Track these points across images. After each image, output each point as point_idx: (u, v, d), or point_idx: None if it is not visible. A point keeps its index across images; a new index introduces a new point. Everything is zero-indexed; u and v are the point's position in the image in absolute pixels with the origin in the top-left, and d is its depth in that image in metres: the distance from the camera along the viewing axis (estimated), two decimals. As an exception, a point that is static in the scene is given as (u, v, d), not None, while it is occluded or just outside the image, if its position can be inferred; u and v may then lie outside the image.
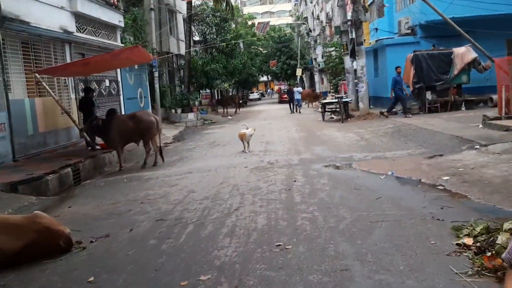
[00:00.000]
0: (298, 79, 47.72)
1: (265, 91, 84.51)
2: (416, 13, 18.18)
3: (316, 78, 43.76)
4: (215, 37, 28.84)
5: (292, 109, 26.94)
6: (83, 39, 13.10)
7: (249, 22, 46.68)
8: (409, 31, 19.32)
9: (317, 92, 35.58)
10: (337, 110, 18.29)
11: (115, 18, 15.40)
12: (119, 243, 4.58)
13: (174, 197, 6.51)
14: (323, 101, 21.06)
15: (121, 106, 16.04)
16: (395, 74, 16.10)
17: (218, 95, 41.15)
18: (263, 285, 3.30)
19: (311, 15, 50.97)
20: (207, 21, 29.43)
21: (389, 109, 16.67)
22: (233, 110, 31.47)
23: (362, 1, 18.60)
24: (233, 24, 32.79)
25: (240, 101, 38.31)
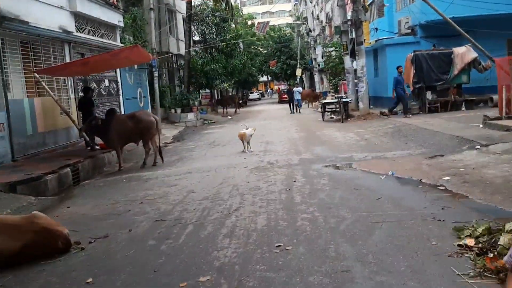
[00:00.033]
0: (298, 79, 47.71)
1: (265, 91, 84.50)
2: (416, 13, 18.15)
3: (316, 78, 43.72)
4: (215, 37, 28.79)
5: (292, 109, 26.91)
6: (82, 39, 13.08)
7: (249, 22, 46.64)
8: (409, 31, 19.27)
9: (317, 92, 35.54)
10: (337, 110, 18.27)
11: (115, 18, 15.37)
12: (118, 244, 4.56)
13: (174, 197, 6.48)
14: (323, 101, 21.03)
15: (121, 106, 16.01)
16: (397, 74, 16.07)
17: (218, 95, 41.12)
18: (263, 286, 3.28)
19: (311, 15, 50.96)
20: (206, 21, 29.39)
21: (391, 108, 16.67)
22: (233, 110, 31.45)
23: (362, 0, 18.58)
24: (232, 24, 32.74)
25: (240, 101, 38.28)
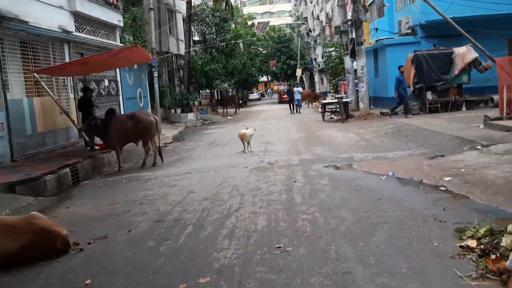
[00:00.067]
0: (298, 79, 47.67)
1: (265, 91, 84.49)
2: (416, 13, 18.11)
3: (316, 78, 43.69)
4: (215, 37, 28.77)
5: (292, 110, 26.88)
6: (82, 38, 13.04)
7: (249, 22, 46.62)
8: (409, 31, 19.23)
9: (317, 92, 35.51)
10: (337, 110, 18.23)
11: (114, 18, 15.34)
12: (117, 245, 4.53)
13: (173, 198, 6.45)
14: (323, 101, 20.99)
15: (121, 106, 15.98)
16: (398, 74, 15.98)
17: (218, 95, 41.09)
18: (263, 288, 3.25)
19: (311, 15, 50.94)
20: (206, 21, 29.37)
21: (393, 108, 16.58)
22: (233, 110, 31.43)
23: (362, 0, 18.55)
24: (232, 24, 32.71)
25: (240, 101, 38.25)
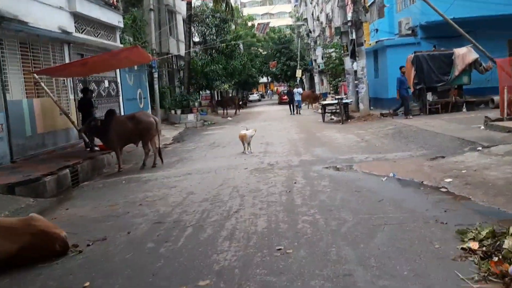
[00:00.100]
0: (298, 80, 47.67)
1: (265, 92, 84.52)
2: (416, 14, 18.11)
3: (316, 79, 43.71)
4: (215, 38, 28.76)
5: (292, 111, 26.86)
6: (82, 39, 13.02)
7: (249, 23, 46.64)
8: (409, 31, 19.23)
9: (317, 93, 35.50)
10: (337, 111, 18.20)
11: (114, 19, 15.33)
12: (116, 247, 4.50)
13: (173, 199, 6.42)
14: (323, 102, 20.97)
15: (121, 107, 15.96)
16: (400, 74, 15.90)
17: (218, 96, 41.07)
18: (263, 290, 3.22)
19: (311, 16, 50.97)
20: (207, 22, 29.37)
21: (396, 109, 16.49)
22: (233, 111, 31.42)
23: (362, 1, 18.54)
24: (233, 25, 32.70)
25: (240, 102, 38.24)
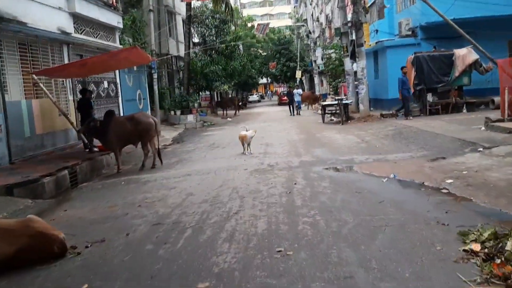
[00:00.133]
0: (298, 81, 47.63)
1: (264, 93, 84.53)
2: (416, 15, 18.09)
3: (316, 80, 43.65)
4: (215, 39, 28.76)
5: (292, 111, 26.83)
6: (81, 40, 12.99)
7: (249, 24, 46.64)
8: (409, 32, 19.21)
9: (317, 94, 35.47)
10: (337, 112, 18.17)
11: (114, 19, 15.30)
12: (114, 248, 4.46)
13: (172, 200, 6.38)
14: (323, 103, 20.93)
15: (120, 108, 15.92)
16: (401, 75, 15.79)
17: (218, 97, 41.04)
18: (263, 293, 3.18)
19: (310, 17, 50.98)
20: (206, 23, 29.36)
21: (399, 109, 16.39)
22: (233, 112, 31.39)
23: (362, 2, 18.52)
24: (232, 26, 32.68)
25: (240, 103, 38.21)
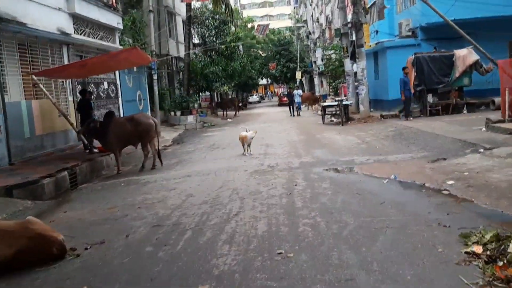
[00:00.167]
0: (298, 82, 47.61)
1: (264, 94, 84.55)
2: (417, 15, 18.08)
3: (316, 81, 43.59)
4: (215, 39, 28.75)
5: (292, 112, 26.81)
6: (81, 40, 12.98)
7: (249, 25, 46.64)
8: (410, 33, 19.19)
9: (317, 95, 35.45)
10: (337, 113, 18.14)
11: (114, 20, 15.28)
12: (114, 250, 4.43)
13: (172, 202, 6.35)
14: (323, 104, 20.90)
15: (120, 109, 15.91)
16: (403, 75, 15.65)
17: (218, 98, 41.03)
18: (264, 296, 3.16)
19: (310, 18, 50.99)
20: (206, 23, 29.36)
21: (402, 109, 16.19)
22: (233, 113, 31.37)
23: (362, 3, 18.51)
24: (232, 27, 32.68)
25: (240, 104, 38.20)
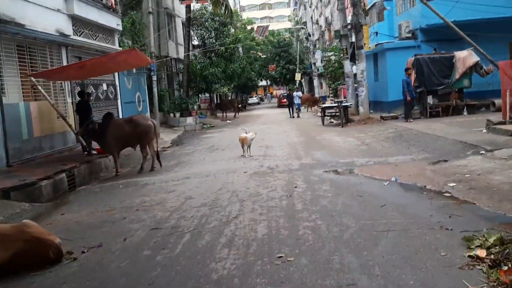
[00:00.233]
0: (297, 84, 47.59)
1: (264, 96, 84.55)
2: (416, 17, 18.04)
3: (315, 82, 43.62)
4: (214, 41, 28.72)
5: (291, 114, 26.77)
6: (80, 42, 12.92)
7: (248, 27, 46.63)
8: (409, 34, 19.14)
9: (316, 96, 35.42)
10: (337, 114, 18.10)
11: (113, 22, 15.23)
12: (111, 254, 4.37)
13: (171, 204, 6.29)
14: (323, 105, 20.86)
15: (119, 110, 15.85)
16: (405, 77, 15.46)
17: (217, 99, 41.00)
18: (263, 301, 3.09)
19: (310, 19, 50.97)
20: (206, 25, 29.33)
21: (409, 111, 16.14)
22: (232, 114, 31.32)
23: (362, 4, 18.47)
24: (232, 28, 32.65)
25: (239, 105, 38.15)
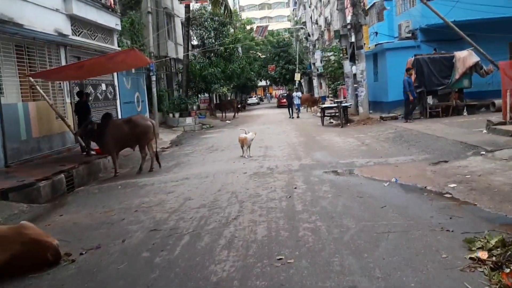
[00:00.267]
0: (297, 84, 47.55)
1: (263, 96, 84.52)
2: (416, 17, 18.00)
3: (315, 82, 43.56)
4: (214, 41, 28.68)
5: (291, 114, 26.73)
6: (79, 42, 12.87)
7: (248, 27, 46.61)
8: (409, 35, 19.10)
9: (316, 96, 35.38)
10: (337, 114, 18.07)
11: (112, 21, 15.18)
12: (110, 256, 4.34)
13: (170, 205, 6.26)
14: (322, 105, 20.83)
15: (118, 110, 15.80)
16: (406, 77, 15.35)
17: (217, 100, 40.95)
18: (263, 304, 3.06)
19: (309, 19, 50.94)
20: (205, 25, 29.30)
21: (412, 109, 16.02)
22: (232, 115, 31.27)
23: (362, 4, 18.44)
24: (231, 28, 32.63)
25: (239, 106, 38.11)
